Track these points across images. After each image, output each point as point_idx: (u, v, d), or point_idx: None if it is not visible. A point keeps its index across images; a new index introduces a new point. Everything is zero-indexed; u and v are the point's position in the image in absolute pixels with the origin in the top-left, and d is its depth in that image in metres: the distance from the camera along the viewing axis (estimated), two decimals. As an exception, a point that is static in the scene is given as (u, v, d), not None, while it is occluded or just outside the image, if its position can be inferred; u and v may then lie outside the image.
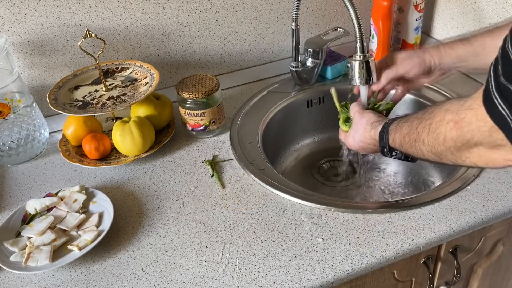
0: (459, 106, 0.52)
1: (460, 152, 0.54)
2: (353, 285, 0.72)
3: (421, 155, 0.61)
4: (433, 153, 0.58)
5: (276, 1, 1.08)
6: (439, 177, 0.99)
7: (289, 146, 1.10)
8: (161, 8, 0.99)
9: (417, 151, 0.61)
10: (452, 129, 0.52)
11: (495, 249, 0.86)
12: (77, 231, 0.73)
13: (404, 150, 0.65)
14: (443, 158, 0.57)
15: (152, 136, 0.89)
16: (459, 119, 0.51)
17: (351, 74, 0.84)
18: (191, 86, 0.91)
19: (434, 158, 0.59)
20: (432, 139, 0.57)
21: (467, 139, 0.51)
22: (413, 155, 0.64)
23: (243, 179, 0.83)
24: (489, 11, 1.01)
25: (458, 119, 0.51)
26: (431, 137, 0.57)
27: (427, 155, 0.60)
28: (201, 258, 0.68)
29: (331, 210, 0.74)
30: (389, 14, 1.11)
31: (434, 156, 0.58)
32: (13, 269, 0.66)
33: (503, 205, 0.73)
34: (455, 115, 0.52)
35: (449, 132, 0.53)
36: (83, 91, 0.92)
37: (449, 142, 0.54)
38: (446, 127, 0.54)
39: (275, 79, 1.14)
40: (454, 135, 0.52)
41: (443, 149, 0.55)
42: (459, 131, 0.51)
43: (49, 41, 0.94)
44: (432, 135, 0.56)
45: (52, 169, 0.90)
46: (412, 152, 0.63)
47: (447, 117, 0.53)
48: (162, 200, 0.80)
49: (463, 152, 0.53)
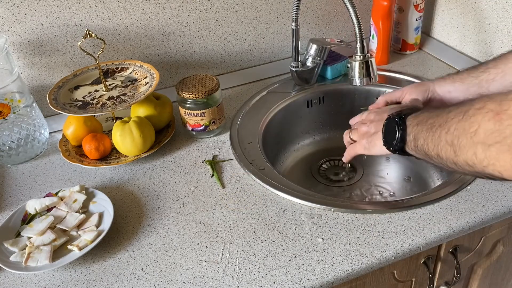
0: (503, 96, 0.44)
1: (486, 152, 0.45)
2: (353, 285, 0.72)
3: (433, 145, 0.53)
4: (451, 145, 0.50)
5: (276, 1, 1.08)
6: (439, 177, 0.99)
7: (289, 146, 1.10)
8: (161, 8, 0.99)
9: (433, 138, 0.53)
10: (490, 120, 0.44)
11: (495, 249, 0.86)
12: (77, 231, 0.73)
13: (416, 131, 0.57)
14: (459, 156, 0.49)
15: (152, 136, 0.89)
16: (501, 110, 0.43)
17: (351, 74, 0.84)
18: (191, 86, 0.91)
19: (447, 153, 0.51)
20: (460, 128, 0.48)
21: (504, 135, 0.43)
22: (420, 143, 0.56)
23: (243, 179, 0.83)
24: (489, 11, 1.01)
25: (500, 110, 0.43)
26: (461, 125, 0.48)
27: (441, 147, 0.52)
28: (201, 258, 0.68)
29: (331, 210, 0.74)
30: (389, 14, 1.11)
31: (449, 149, 0.50)
32: (13, 269, 0.66)
33: (503, 205, 0.73)
34: (497, 105, 0.44)
35: (485, 123, 0.45)
36: (83, 91, 0.92)
37: (480, 136, 0.45)
38: (484, 117, 0.45)
39: (275, 79, 1.14)
40: (490, 128, 0.44)
41: (468, 143, 0.47)
42: (497, 124, 0.43)
43: (49, 41, 0.94)
44: (464, 123, 0.48)
45: (52, 169, 0.90)
46: (425, 137, 0.55)
47: (488, 106, 0.45)
48: (162, 200, 0.80)
49: (491, 153, 0.45)
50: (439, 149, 0.52)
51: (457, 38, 1.13)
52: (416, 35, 1.18)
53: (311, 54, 1.06)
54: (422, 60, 1.18)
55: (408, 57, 1.20)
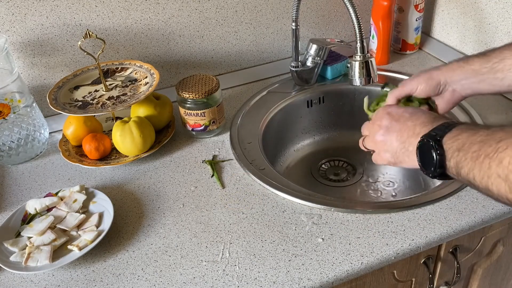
0: None
1: None
2: (353, 285, 0.72)
3: (482, 176, 0.47)
4: (505, 181, 0.44)
5: (276, 1, 1.08)
6: (439, 177, 0.99)
7: (289, 146, 1.10)
8: (161, 8, 0.99)
9: (482, 169, 0.46)
10: None
11: (495, 249, 0.86)
12: (77, 231, 0.73)
13: (458, 158, 0.50)
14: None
15: (152, 136, 0.89)
16: None
17: (351, 74, 0.84)
18: (191, 86, 0.91)
19: (499, 188, 0.45)
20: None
21: None
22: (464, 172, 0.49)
23: (243, 179, 0.83)
24: (489, 11, 1.01)
25: None
26: None
27: (492, 180, 0.45)
28: (201, 258, 0.68)
29: (331, 210, 0.74)
30: (389, 14, 1.11)
31: (503, 184, 0.44)
32: (13, 269, 0.66)
33: (503, 205, 0.73)
34: None
35: None
36: (83, 91, 0.92)
37: None
38: None
39: (275, 79, 1.14)
40: None
41: None
42: None
43: (49, 41, 0.94)
44: None
45: (52, 169, 0.90)
46: (470, 167, 0.48)
47: None
48: (162, 200, 0.80)
49: None
50: (490, 182, 0.46)
51: (457, 38, 1.13)
52: (416, 35, 1.18)
53: (311, 54, 1.06)
54: (422, 60, 1.18)
55: (408, 57, 1.20)
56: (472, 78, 0.65)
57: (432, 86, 0.68)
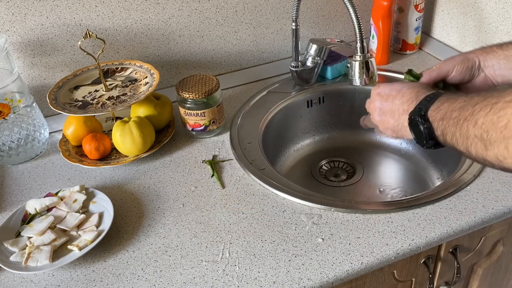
0: None
1: None
2: (353, 285, 0.72)
3: (462, 139, 0.50)
4: (481, 140, 0.47)
5: (276, 1, 1.08)
6: (439, 177, 0.99)
7: (289, 146, 1.10)
8: (161, 8, 0.99)
9: (461, 132, 0.50)
10: None
11: (495, 249, 0.86)
12: (77, 231, 0.73)
13: (442, 127, 0.54)
14: (490, 150, 0.46)
15: (152, 136, 0.89)
16: None
17: (351, 74, 0.84)
18: (191, 86, 0.91)
19: (477, 148, 0.48)
20: (489, 122, 0.46)
21: None
22: (449, 138, 0.53)
23: (243, 179, 0.83)
24: (489, 11, 1.01)
25: None
26: (489, 119, 0.46)
27: (470, 141, 0.49)
28: (201, 258, 0.68)
29: (331, 210, 0.74)
30: (389, 14, 1.11)
31: (480, 144, 0.48)
32: (13, 269, 0.66)
33: (503, 205, 0.73)
34: None
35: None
36: (83, 91, 0.92)
37: (511, 130, 0.44)
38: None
39: (275, 79, 1.14)
40: None
41: (498, 137, 0.45)
42: None
43: (49, 41, 0.94)
44: (492, 116, 0.46)
45: (52, 169, 0.90)
46: (452, 132, 0.52)
47: None
48: (162, 200, 0.80)
49: None
50: (469, 143, 0.50)
51: (457, 38, 1.13)
52: (416, 35, 1.18)
53: (311, 54, 1.06)
54: (422, 60, 1.18)
55: (408, 57, 1.20)
56: (504, 64, 0.66)
57: (468, 68, 0.69)
